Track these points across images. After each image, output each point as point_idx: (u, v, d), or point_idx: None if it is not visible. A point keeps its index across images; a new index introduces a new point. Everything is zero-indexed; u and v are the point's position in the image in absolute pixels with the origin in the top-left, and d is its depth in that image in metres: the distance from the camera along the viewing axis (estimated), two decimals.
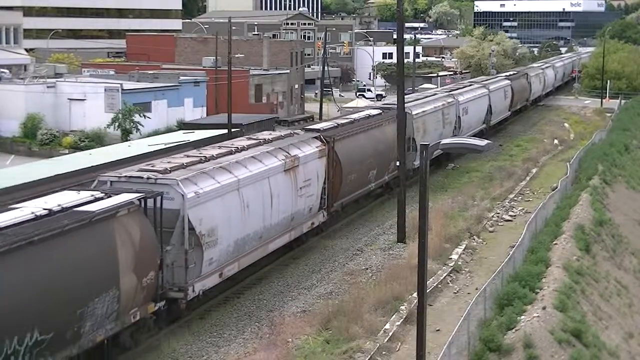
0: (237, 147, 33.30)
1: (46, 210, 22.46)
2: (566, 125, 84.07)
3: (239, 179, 29.81)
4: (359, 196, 42.32)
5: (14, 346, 19.59)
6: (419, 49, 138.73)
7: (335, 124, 42.91)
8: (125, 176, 27.18)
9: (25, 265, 20.24)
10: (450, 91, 63.62)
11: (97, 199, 24.20)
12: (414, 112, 49.43)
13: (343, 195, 39.62)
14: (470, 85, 69.94)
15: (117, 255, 23.13)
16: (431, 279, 30.99)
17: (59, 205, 23.02)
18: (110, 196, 24.59)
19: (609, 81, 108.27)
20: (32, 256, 20.41)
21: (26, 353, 19.87)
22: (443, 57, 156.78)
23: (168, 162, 29.32)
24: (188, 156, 30.97)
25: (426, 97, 58.89)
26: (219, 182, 28.70)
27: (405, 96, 42.00)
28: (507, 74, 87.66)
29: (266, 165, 32.15)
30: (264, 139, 36.09)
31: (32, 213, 22.14)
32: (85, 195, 24.44)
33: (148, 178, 26.93)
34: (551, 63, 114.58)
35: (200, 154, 31.50)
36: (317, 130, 39.73)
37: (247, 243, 30.40)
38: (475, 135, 57.88)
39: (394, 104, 43.85)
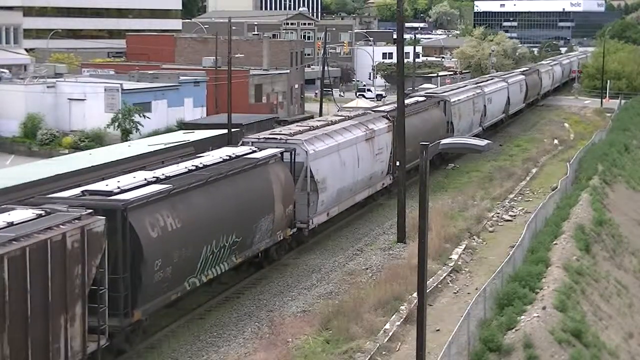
0: (332, 120, 43.97)
1: (228, 156, 32.33)
2: (566, 125, 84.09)
3: (338, 143, 39.18)
4: (415, 165, 46.41)
5: (224, 242, 28.96)
6: (419, 49, 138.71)
7: (394, 107, 48.22)
8: (263, 137, 36.95)
9: (226, 190, 29.59)
10: (477, 83, 73.21)
11: (253, 152, 33.95)
12: (452, 100, 59.39)
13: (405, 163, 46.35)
14: (492, 79, 79.37)
15: (272, 189, 32.65)
16: (431, 279, 30.98)
17: (234, 154, 33.03)
18: (259, 150, 34.11)
19: (609, 81, 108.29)
20: (228, 184, 29.86)
21: (228, 248, 29.36)
22: (443, 57, 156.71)
23: (289, 129, 40.08)
24: (299, 125, 42.10)
25: (459, 88, 69.00)
26: (326, 144, 38.13)
27: (440, 87, 55.36)
28: (522, 69, 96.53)
29: (354, 134, 41.52)
30: (348, 115, 47.02)
31: (220, 157, 31.96)
32: (245, 148, 34.43)
33: (280, 139, 36.27)
34: (559, 60, 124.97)
35: (308, 124, 42.34)
36: (384, 111, 49.13)
37: (344, 193, 39.17)
38: (495, 123, 74.31)
39: (435, 93, 60.36)
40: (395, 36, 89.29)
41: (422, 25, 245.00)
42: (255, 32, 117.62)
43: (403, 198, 38.20)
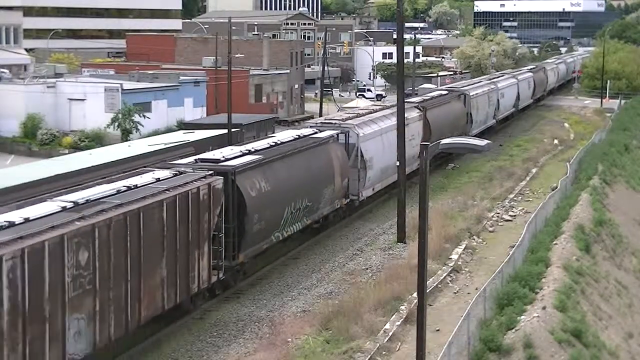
0: (373, 109, 51.06)
1: (297, 136, 38.37)
2: (566, 125, 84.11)
3: (381, 128, 45.11)
4: (439, 152, 53.13)
5: (299, 205, 34.62)
6: (419, 49, 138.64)
7: (423, 99, 58.03)
8: (322, 122, 44.36)
9: (300, 162, 35.58)
10: (491, 79, 79.07)
11: (315, 132, 39.84)
12: (471, 93, 65.14)
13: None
14: (504, 76, 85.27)
15: (333, 164, 38.56)
16: (431, 279, 30.99)
17: (301, 134, 39.06)
18: (320, 132, 40.18)
19: (609, 81, 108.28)
20: (301, 157, 35.97)
21: (302, 211, 35.07)
22: (443, 57, 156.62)
23: (340, 115, 48.75)
24: (348, 113, 50.65)
25: (476, 83, 75.50)
26: (372, 128, 44.25)
27: (458, 82, 63.14)
28: (530, 67, 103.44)
29: (392, 121, 45.02)
30: (385, 105, 54.75)
31: (290, 137, 37.92)
32: (309, 130, 40.43)
33: (335, 123, 42.85)
34: (563, 59, 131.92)
35: (355, 112, 50.14)
36: (416, 102, 54.86)
37: (384, 172, 43.62)
38: (506, 117, 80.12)
39: (455, 87, 68.32)
40: (395, 36, 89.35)
41: (422, 25, 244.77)
42: (255, 32, 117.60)
43: (403, 198, 38.21)
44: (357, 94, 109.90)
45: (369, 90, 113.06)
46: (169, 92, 70.85)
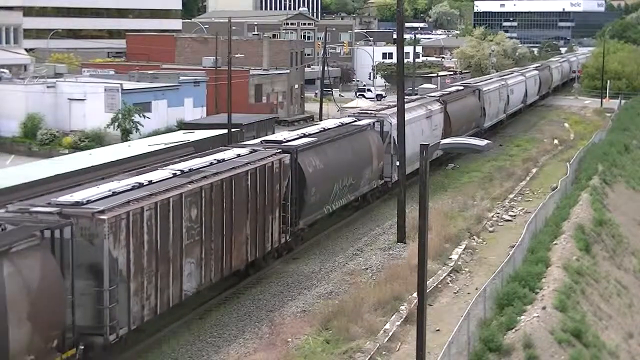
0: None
1: (340, 123, 43.89)
2: (566, 125, 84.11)
3: (410, 118, 47.90)
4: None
5: (345, 182, 39.43)
6: (419, 49, 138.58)
7: (442, 93, 63.42)
8: (359, 112, 49.53)
9: (345, 145, 40.51)
10: (501, 76, 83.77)
11: (355, 121, 45.15)
12: (484, 89, 69.59)
13: None
14: (512, 74, 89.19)
15: (371, 148, 43.15)
16: (431, 279, 30.99)
17: (343, 122, 44.42)
18: (359, 120, 45.35)
19: (609, 81, 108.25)
20: (346, 141, 40.91)
21: (347, 188, 39.86)
22: (443, 57, 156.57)
23: (374, 106, 55.54)
24: (380, 104, 59.90)
25: (487, 80, 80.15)
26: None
27: (472, 78, 71.11)
28: (536, 65, 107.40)
29: (418, 113, 52.03)
30: (412, 99, 58.82)
31: (334, 124, 43.75)
32: (349, 119, 45.71)
33: (371, 113, 47.88)
34: (567, 58, 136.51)
35: (386, 104, 55.27)
36: (437, 96, 59.93)
37: (412, 157, 43.96)
38: (515, 113, 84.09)
39: (469, 83, 74.60)
40: (395, 36, 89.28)
41: (422, 25, 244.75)
42: (255, 32, 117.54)
43: (403, 198, 38.22)
44: (357, 94, 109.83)
45: (369, 90, 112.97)
46: (169, 92, 70.81)
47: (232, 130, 51.50)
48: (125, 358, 24.99)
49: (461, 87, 69.94)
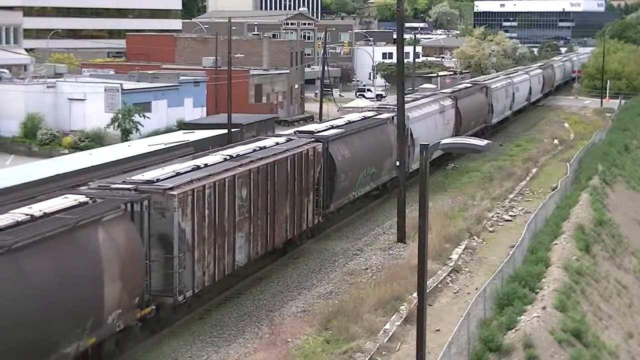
0: (416, 98, 58.45)
1: (363, 117, 47.22)
2: (566, 125, 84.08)
3: (425, 113, 52.71)
4: (472, 134, 59.26)
5: (369, 171, 42.92)
6: (419, 49, 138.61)
7: (453, 90, 66.86)
8: (379, 107, 53.70)
9: (369, 137, 43.57)
10: (507, 75, 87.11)
11: (376, 115, 48.38)
12: (492, 87, 72.57)
13: (462, 132, 59.67)
14: (517, 72, 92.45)
15: (390, 140, 45.03)
16: (431, 279, 30.98)
17: (365, 115, 47.81)
18: (379, 114, 48.68)
19: (609, 81, 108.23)
20: (369, 133, 44.06)
21: (370, 176, 43.30)
22: (443, 57, 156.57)
23: (393, 101, 52.29)
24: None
25: (494, 78, 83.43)
26: (418, 113, 51.94)
27: (481, 76, 78.95)
28: (539, 64, 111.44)
29: (432, 108, 55.44)
30: (426, 95, 62.47)
31: (358, 117, 47.13)
32: (370, 113, 49.16)
33: (390, 107, 49.46)
34: (569, 57, 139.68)
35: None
36: (448, 92, 63.46)
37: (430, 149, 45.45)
38: (520, 110, 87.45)
39: (478, 81, 78.08)
40: (395, 36, 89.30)
41: (422, 25, 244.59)
42: (255, 32, 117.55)
43: (403, 198, 38.20)
44: (357, 94, 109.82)
45: (369, 90, 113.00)
46: (169, 92, 70.82)
47: (232, 130, 51.49)
48: (125, 358, 25.01)
49: (470, 84, 72.90)
